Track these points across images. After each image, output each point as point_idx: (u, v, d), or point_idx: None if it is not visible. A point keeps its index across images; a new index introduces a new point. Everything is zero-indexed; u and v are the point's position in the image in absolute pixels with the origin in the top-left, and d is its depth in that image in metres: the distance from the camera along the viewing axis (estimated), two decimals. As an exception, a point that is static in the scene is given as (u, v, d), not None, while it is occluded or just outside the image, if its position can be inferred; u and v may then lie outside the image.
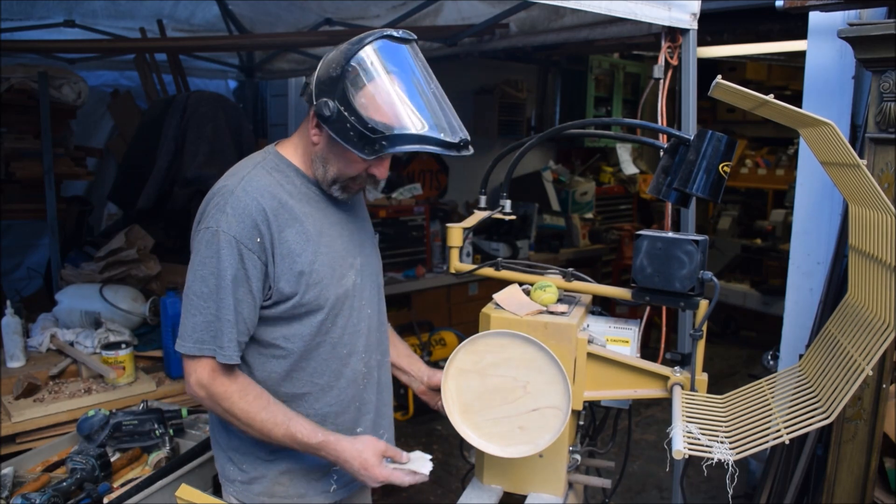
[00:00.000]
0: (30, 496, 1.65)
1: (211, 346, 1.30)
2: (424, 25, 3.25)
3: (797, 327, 2.44)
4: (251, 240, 1.30)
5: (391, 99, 1.25)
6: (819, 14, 2.21)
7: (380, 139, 1.24)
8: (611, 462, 1.75)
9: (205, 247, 1.30)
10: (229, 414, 1.34)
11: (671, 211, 2.30)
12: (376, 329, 1.56)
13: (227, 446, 1.47)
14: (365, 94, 1.24)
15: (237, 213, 1.29)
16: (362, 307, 1.50)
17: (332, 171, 1.37)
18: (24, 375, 2.28)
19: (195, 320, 1.31)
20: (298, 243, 1.35)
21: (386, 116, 1.24)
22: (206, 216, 1.33)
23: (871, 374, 1.10)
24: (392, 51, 1.28)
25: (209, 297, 1.30)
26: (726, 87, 1.25)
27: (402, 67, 1.28)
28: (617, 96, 6.16)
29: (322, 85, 1.27)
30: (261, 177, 1.35)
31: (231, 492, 1.49)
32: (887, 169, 1.89)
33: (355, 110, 1.24)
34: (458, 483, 3.38)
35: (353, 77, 1.25)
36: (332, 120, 1.26)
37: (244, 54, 4.65)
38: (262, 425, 1.33)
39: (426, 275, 4.41)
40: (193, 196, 3.32)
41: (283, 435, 1.34)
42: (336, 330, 1.43)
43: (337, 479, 1.50)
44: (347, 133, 1.26)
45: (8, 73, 3.10)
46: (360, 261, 1.49)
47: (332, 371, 1.45)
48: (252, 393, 1.34)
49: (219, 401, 1.33)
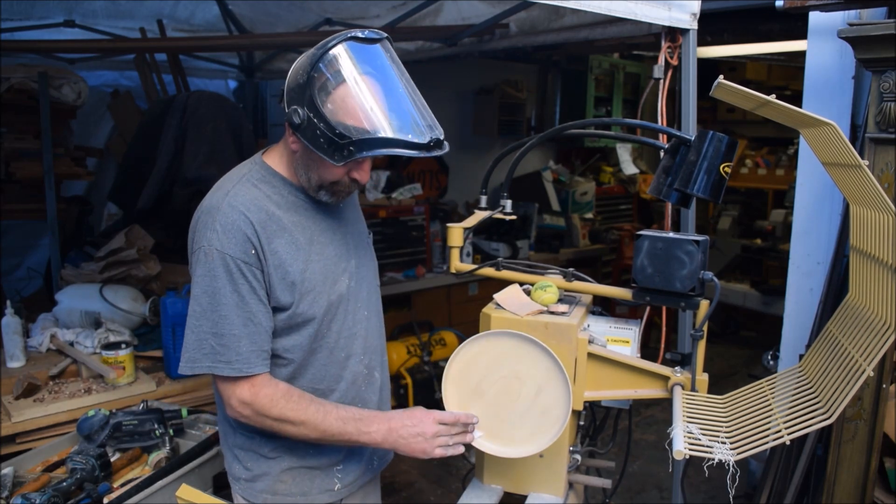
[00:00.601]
0: (30, 496, 1.65)
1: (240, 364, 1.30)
2: (424, 25, 3.26)
3: (797, 327, 2.43)
4: (246, 253, 1.30)
5: (357, 103, 1.23)
6: (819, 14, 2.21)
7: (347, 145, 1.23)
8: (611, 462, 1.75)
9: (201, 267, 1.30)
10: (282, 420, 1.33)
11: (671, 211, 2.29)
12: (374, 330, 1.56)
13: (233, 444, 1.48)
14: (331, 100, 1.23)
15: (226, 229, 1.29)
16: (357, 310, 1.50)
17: (315, 178, 1.36)
18: (24, 375, 2.28)
19: (200, 338, 1.30)
20: (289, 253, 1.35)
21: (353, 121, 1.23)
22: (197, 236, 1.33)
23: (871, 374, 1.10)
24: (357, 52, 1.25)
25: (206, 314, 1.29)
26: (728, 87, 1.25)
27: (368, 69, 1.26)
28: (617, 96, 6.16)
29: (291, 92, 1.27)
30: (246, 190, 1.35)
31: (237, 490, 1.49)
32: (887, 169, 1.89)
33: (323, 116, 1.23)
34: (459, 483, 3.38)
35: (318, 83, 1.23)
36: (302, 127, 1.26)
37: (244, 54, 4.66)
38: (314, 415, 1.33)
39: (426, 275, 4.41)
40: (193, 196, 3.32)
41: (336, 418, 1.34)
42: (332, 335, 1.43)
43: (341, 476, 1.50)
44: (318, 140, 1.25)
45: (8, 73, 3.10)
46: (354, 262, 1.49)
47: (331, 375, 1.45)
48: (296, 393, 1.35)
49: (267, 411, 1.32)
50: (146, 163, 3.45)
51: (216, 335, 1.29)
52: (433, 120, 1.29)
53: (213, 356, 1.29)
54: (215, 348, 1.29)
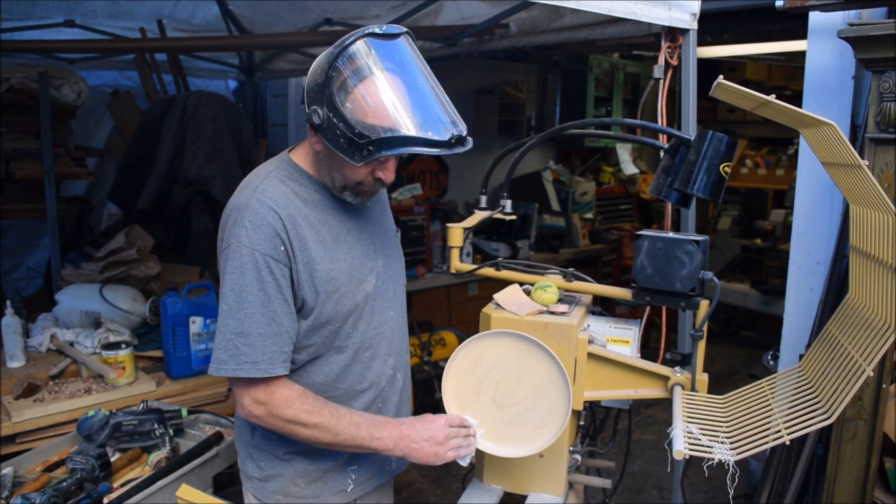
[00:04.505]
0: (30, 496, 1.65)
1: (261, 363, 1.28)
2: (424, 25, 3.25)
3: (797, 327, 2.43)
4: (275, 249, 1.28)
5: (375, 101, 1.21)
6: (819, 14, 2.21)
7: (366, 144, 1.21)
8: (611, 462, 1.75)
9: (231, 265, 1.28)
10: (294, 422, 1.31)
11: (671, 211, 2.30)
12: (400, 330, 1.55)
13: (249, 443, 1.47)
14: (350, 99, 1.21)
15: (255, 225, 1.28)
16: (384, 309, 1.48)
17: (339, 178, 1.34)
18: (24, 375, 2.28)
19: (226, 338, 1.28)
20: (317, 251, 1.33)
21: (371, 119, 1.21)
22: (226, 235, 1.31)
23: (871, 374, 1.10)
24: (376, 49, 1.23)
25: (232, 312, 1.28)
26: (728, 87, 1.25)
27: (388, 65, 1.23)
28: (617, 96, 6.16)
29: (311, 92, 1.26)
30: (274, 186, 1.33)
31: (249, 488, 1.49)
32: (887, 169, 1.89)
33: (342, 115, 1.21)
34: (459, 483, 3.38)
35: (338, 82, 1.22)
36: (322, 128, 1.24)
37: (244, 54, 4.65)
38: (328, 419, 1.32)
39: (426, 275, 4.41)
40: (193, 196, 3.32)
41: (349, 423, 1.34)
42: (357, 335, 1.42)
43: (354, 478, 1.49)
44: (338, 140, 1.23)
45: (8, 73, 3.10)
46: (381, 262, 1.47)
47: (355, 374, 1.44)
48: (310, 395, 1.34)
49: (281, 412, 1.30)
50: (146, 163, 3.45)
51: (241, 334, 1.28)
52: (456, 115, 1.26)
53: (237, 357, 1.27)
54: (240, 348, 1.28)
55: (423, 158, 5.03)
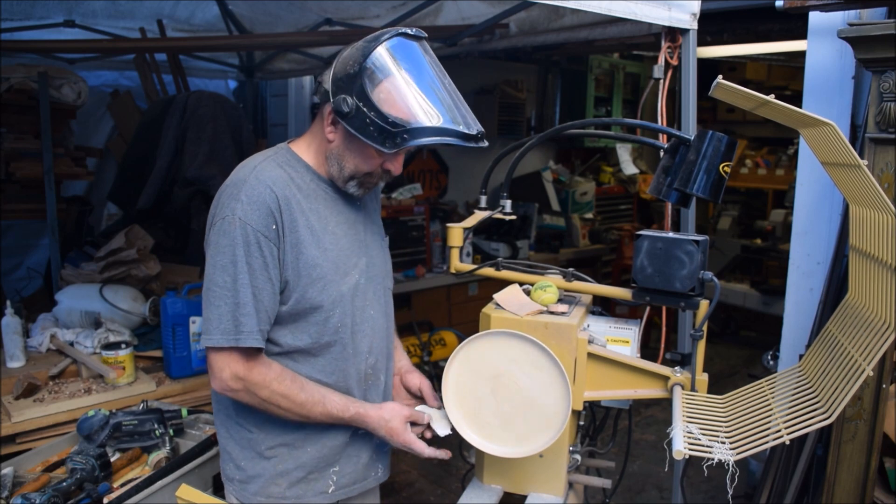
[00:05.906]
0: (30, 496, 1.65)
1: (235, 335, 1.30)
2: (424, 25, 3.25)
3: (797, 327, 2.43)
4: (267, 227, 1.31)
5: (410, 94, 1.29)
6: (819, 14, 2.21)
7: (401, 132, 1.27)
8: (611, 462, 1.75)
9: (222, 236, 1.31)
10: (269, 402, 1.35)
11: (671, 211, 2.30)
12: (381, 331, 1.56)
13: (227, 444, 1.48)
14: (383, 90, 1.28)
15: (251, 200, 1.31)
16: (365, 307, 1.50)
17: (349, 168, 1.39)
18: (24, 375, 2.28)
19: (220, 311, 1.31)
20: (306, 236, 1.36)
21: (404, 111, 1.27)
22: (220, 207, 1.34)
23: (871, 374, 1.10)
24: (407, 48, 1.32)
25: (230, 285, 1.30)
26: (727, 87, 1.25)
27: (418, 64, 1.32)
28: (617, 96, 6.16)
29: (339, 82, 1.30)
30: (272, 168, 1.38)
31: (230, 490, 1.49)
32: (887, 169, 1.89)
33: (374, 105, 1.27)
34: (458, 483, 3.38)
35: (371, 74, 1.28)
36: (350, 116, 1.29)
37: (244, 54, 4.66)
38: (301, 406, 1.37)
39: (426, 275, 4.41)
40: (193, 196, 3.32)
41: (321, 413, 1.39)
42: (339, 329, 1.43)
43: (336, 479, 1.50)
44: (367, 128, 1.28)
45: (8, 73, 3.10)
46: (364, 261, 1.50)
47: (338, 371, 1.45)
48: (288, 376, 1.37)
49: (258, 390, 1.34)
50: (146, 163, 3.45)
51: (239, 306, 1.30)
52: (473, 116, 1.36)
53: (221, 329, 1.30)
54: (237, 320, 1.30)
55: (423, 158, 5.03)
